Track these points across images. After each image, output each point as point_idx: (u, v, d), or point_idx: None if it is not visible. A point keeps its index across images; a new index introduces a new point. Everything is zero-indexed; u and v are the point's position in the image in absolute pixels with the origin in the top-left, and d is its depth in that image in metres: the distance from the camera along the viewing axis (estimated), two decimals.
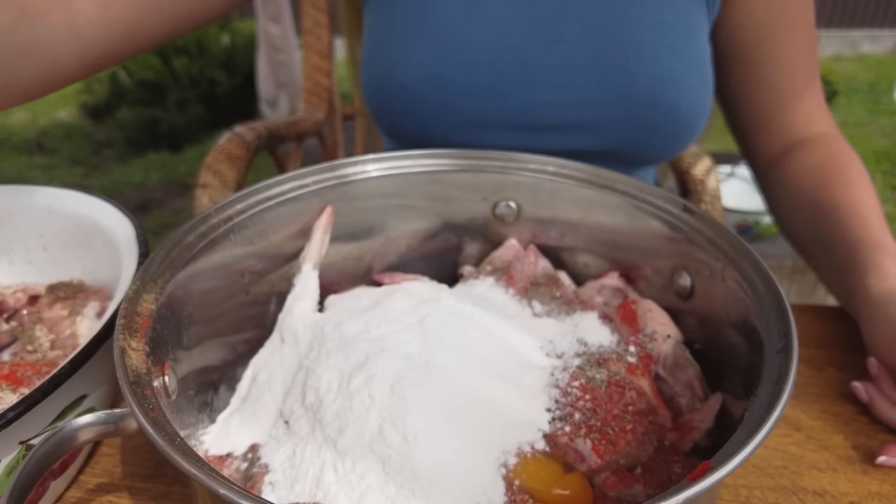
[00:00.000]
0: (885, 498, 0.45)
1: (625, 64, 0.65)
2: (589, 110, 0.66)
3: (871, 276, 0.52)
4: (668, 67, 0.65)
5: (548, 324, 0.47)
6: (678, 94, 0.66)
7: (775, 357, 0.35)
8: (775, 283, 0.38)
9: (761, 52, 0.70)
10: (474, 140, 0.69)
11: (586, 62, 0.65)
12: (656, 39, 0.65)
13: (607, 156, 0.69)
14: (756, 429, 0.30)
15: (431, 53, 0.66)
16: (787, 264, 1.57)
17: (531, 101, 0.66)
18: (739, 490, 0.45)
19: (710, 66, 0.69)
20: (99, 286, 0.54)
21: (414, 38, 0.67)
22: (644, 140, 0.68)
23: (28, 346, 0.49)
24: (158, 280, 0.39)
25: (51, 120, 3.81)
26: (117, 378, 0.32)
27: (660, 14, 0.65)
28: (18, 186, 0.57)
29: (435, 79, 0.66)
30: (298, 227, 0.50)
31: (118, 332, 0.35)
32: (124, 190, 3.06)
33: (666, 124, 0.67)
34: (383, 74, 0.69)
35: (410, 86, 0.67)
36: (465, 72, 0.66)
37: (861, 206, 0.59)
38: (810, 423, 0.51)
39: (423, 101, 0.68)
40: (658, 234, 0.47)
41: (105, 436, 0.33)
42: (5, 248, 0.57)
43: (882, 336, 0.49)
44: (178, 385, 0.38)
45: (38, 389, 0.36)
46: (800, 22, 0.69)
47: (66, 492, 0.45)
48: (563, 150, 0.66)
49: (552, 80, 0.66)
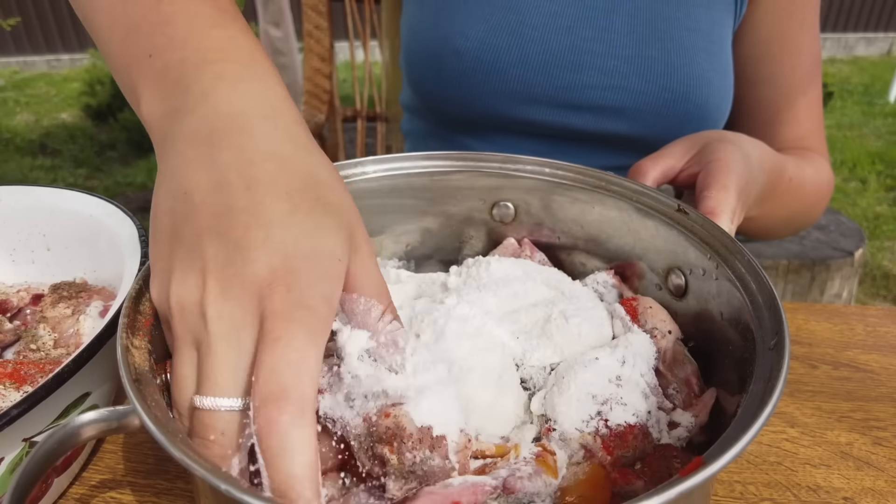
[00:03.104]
0: (878, 493, 0.45)
1: (665, 59, 0.70)
2: (629, 97, 0.71)
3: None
4: (704, 67, 0.70)
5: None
6: (709, 92, 0.71)
7: (768, 354, 0.35)
8: (767, 282, 0.39)
9: (761, 69, 0.73)
10: (516, 115, 0.74)
11: (630, 53, 0.70)
12: (694, 42, 0.70)
13: (636, 143, 0.74)
14: (748, 424, 0.31)
15: (489, 24, 0.71)
16: (783, 264, 1.58)
17: (577, 81, 0.71)
18: (734, 486, 0.46)
19: (732, 73, 0.74)
20: (102, 285, 0.54)
21: (475, 7, 0.72)
22: (673, 131, 0.72)
23: (31, 344, 0.49)
24: None
25: (54, 121, 3.83)
26: (120, 376, 0.33)
27: (698, 20, 0.71)
28: (22, 186, 0.58)
29: (490, 48, 0.71)
30: None
31: (121, 330, 0.35)
32: (126, 191, 3.07)
33: (695, 118, 0.72)
34: (438, 40, 0.73)
35: (465, 52, 0.71)
36: (519, 45, 0.71)
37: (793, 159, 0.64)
38: (804, 419, 0.51)
39: (475, 68, 0.72)
40: (653, 234, 0.48)
41: (108, 433, 0.33)
42: (9, 247, 0.58)
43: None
44: None
45: (41, 387, 0.36)
46: (801, 41, 0.72)
47: (70, 488, 0.45)
48: (599, 132, 0.73)
49: (598, 64, 0.71)
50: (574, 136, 0.74)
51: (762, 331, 0.37)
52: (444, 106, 0.75)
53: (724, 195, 0.48)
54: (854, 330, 0.62)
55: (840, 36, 5.14)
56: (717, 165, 0.50)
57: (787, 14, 0.71)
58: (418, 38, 0.75)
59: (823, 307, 0.63)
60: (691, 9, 0.70)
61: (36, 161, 3.33)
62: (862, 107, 4.17)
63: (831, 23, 5.12)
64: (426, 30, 0.75)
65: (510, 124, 0.75)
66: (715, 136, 0.55)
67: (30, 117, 3.88)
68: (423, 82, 0.76)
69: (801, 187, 0.64)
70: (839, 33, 5.15)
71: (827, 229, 1.76)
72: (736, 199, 0.49)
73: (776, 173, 0.58)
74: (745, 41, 0.74)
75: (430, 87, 0.75)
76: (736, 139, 0.55)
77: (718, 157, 0.51)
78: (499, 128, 0.76)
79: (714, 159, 0.51)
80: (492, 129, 0.77)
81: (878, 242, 2.70)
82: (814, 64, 0.73)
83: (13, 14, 4.54)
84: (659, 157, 0.54)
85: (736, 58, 0.75)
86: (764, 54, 0.73)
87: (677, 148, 0.55)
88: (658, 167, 0.54)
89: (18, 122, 3.81)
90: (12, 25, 4.47)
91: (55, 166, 3.29)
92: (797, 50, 0.72)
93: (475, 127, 0.77)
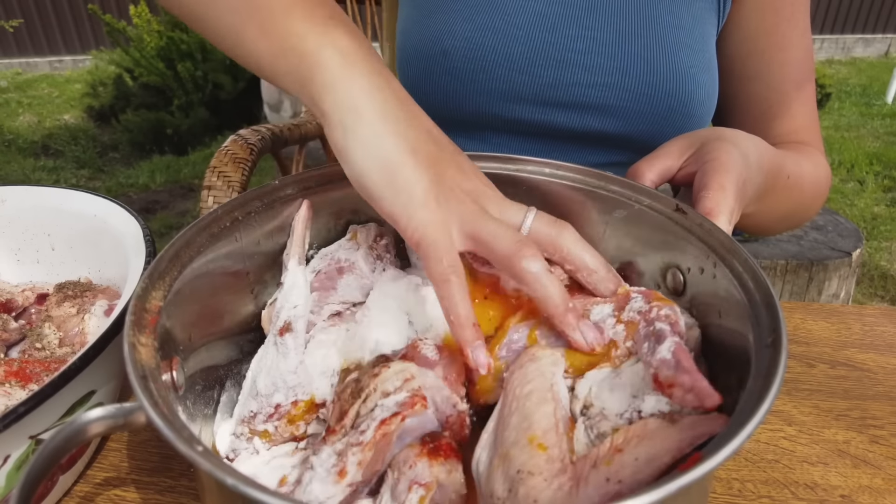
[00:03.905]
0: (875, 491, 0.46)
1: (648, 56, 0.70)
2: (613, 94, 0.72)
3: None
4: (686, 64, 0.71)
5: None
6: (693, 88, 0.71)
7: (765, 352, 0.35)
8: (765, 280, 0.39)
9: (750, 66, 0.73)
10: (503, 113, 0.75)
11: (614, 50, 0.71)
12: (676, 38, 0.71)
13: (621, 140, 0.75)
14: (746, 420, 0.31)
15: (475, 23, 0.72)
16: (780, 264, 1.58)
17: (561, 79, 0.72)
18: (732, 483, 0.46)
19: (717, 69, 0.74)
20: (106, 285, 0.55)
21: (461, 7, 0.73)
22: (657, 127, 0.73)
23: (37, 343, 0.50)
24: (167, 277, 0.40)
25: (57, 123, 3.84)
26: (126, 373, 0.33)
27: (680, 16, 0.71)
28: (26, 187, 0.58)
29: (476, 47, 0.72)
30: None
31: (128, 328, 0.35)
32: (129, 192, 3.08)
33: (679, 114, 0.72)
34: (428, 41, 0.74)
35: (453, 52, 0.72)
36: (504, 44, 0.71)
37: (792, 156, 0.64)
38: (802, 418, 0.52)
39: (462, 68, 0.73)
40: (651, 233, 0.48)
41: (114, 430, 0.33)
42: (14, 247, 0.58)
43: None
44: (185, 380, 0.39)
45: (47, 385, 0.37)
46: (790, 38, 0.72)
47: (74, 486, 0.46)
48: (585, 130, 0.74)
49: (581, 62, 0.72)
50: (560, 134, 0.75)
51: (760, 329, 0.37)
52: (436, 106, 0.76)
53: (722, 195, 0.48)
54: (851, 329, 0.63)
55: (838, 37, 5.14)
56: (715, 165, 0.50)
57: (774, 10, 0.71)
58: (410, 40, 0.77)
59: (821, 307, 0.64)
60: (674, 6, 0.71)
61: (38, 162, 3.34)
62: (860, 108, 4.17)
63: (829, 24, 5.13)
64: (417, 31, 0.76)
65: (499, 123, 0.76)
66: (712, 134, 0.55)
67: (32, 119, 3.89)
68: (416, 83, 0.77)
69: (799, 184, 0.65)
70: (837, 34, 5.15)
71: (825, 230, 1.76)
72: (734, 199, 0.49)
73: (774, 171, 0.58)
74: (733, 38, 0.74)
75: (422, 87, 0.76)
76: (733, 137, 0.55)
77: (716, 157, 0.51)
78: (489, 127, 0.77)
79: (711, 159, 0.51)
80: (483, 129, 0.78)
81: (875, 243, 2.71)
82: (804, 59, 0.73)
83: (15, 15, 4.56)
84: (655, 157, 0.54)
85: (724, 56, 0.75)
86: (752, 50, 0.73)
87: (674, 147, 0.55)
88: (655, 168, 0.54)
89: (21, 124, 3.82)
90: (14, 26, 4.49)
91: (58, 167, 3.30)
92: (786, 45, 0.72)
93: (467, 126, 0.78)
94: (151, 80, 3.44)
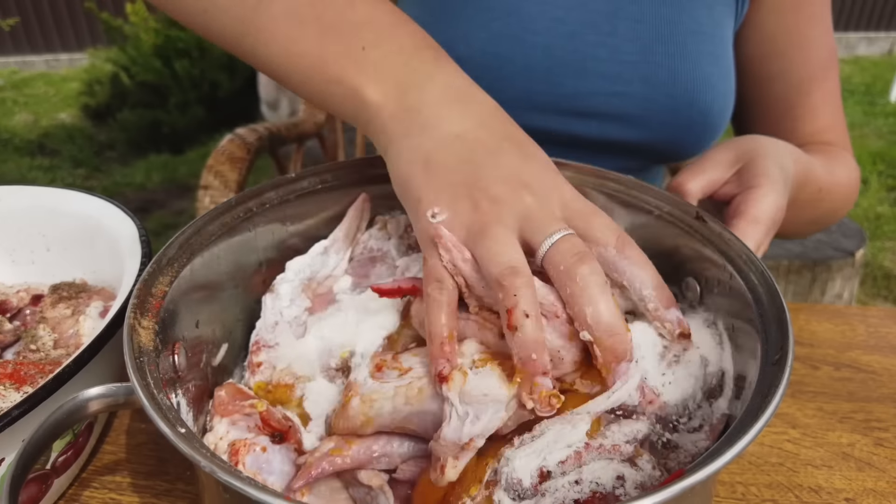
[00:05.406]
0: (879, 494, 0.45)
1: (669, 64, 0.68)
2: (633, 103, 0.70)
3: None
4: (708, 72, 0.69)
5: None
6: (713, 97, 0.69)
7: (770, 369, 0.35)
8: (779, 296, 0.38)
9: (770, 67, 0.71)
10: (520, 122, 0.72)
11: (635, 59, 0.69)
12: (698, 45, 0.69)
13: (641, 149, 0.73)
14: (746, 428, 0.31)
15: (491, 31, 0.69)
16: (783, 264, 1.58)
17: (581, 89, 0.70)
18: (736, 486, 0.46)
19: (734, 75, 0.72)
20: (101, 286, 0.54)
21: (475, 13, 0.70)
22: (678, 137, 0.71)
23: (31, 345, 0.49)
24: (175, 264, 0.40)
25: (52, 121, 3.82)
26: (123, 356, 0.33)
27: (701, 22, 0.69)
28: (21, 187, 0.57)
29: (492, 56, 0.69)
30: (318, 220, 0.51)
31: (130, 310, 0.36)
32: (126, 191, 3.07)
33: (699, 124, 0.70)
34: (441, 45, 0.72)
35: (467, 59, 0.69)
36: (522, 53, 0.69)
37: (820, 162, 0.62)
38: (806, 420, 0.51)
39: (477, 77, 0.70)
40: (670, 241, 0.47)
41: (115, 407, 0.34)
42: (8, 248, 0.58)
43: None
44: (186, 365, 0.39)
45: (41, 388, 0.36)
46: (811, 37, 0.70)
47: (69, 489, 0.45)
48: (603, 139, 0.71)
49: (602, 70, 0.69)
50: (578, 142, 0.73)
51: (768, 344, 0.37)
52: None
53: (753, 229, 0.48)
54: (856, 331, 0.62)
55: (841, 35, 5.14)
56: (756, 195, 0.49)
57: (794, 9, 0.70)
58: None
59: (825, 308, 0.63)
60: (694, 11, 0.69)
61: (34, 161, 3.33)
62: (863, 106, 4.16)
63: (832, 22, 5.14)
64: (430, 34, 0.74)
65: None
66: (761, 149, 0.53)
67: (28, 117, 3.88)
68: None
69: (831, 194, 0.63)
70: (840, 33, 5.14)
71: (828, 229, 1.76)
72: (764, 234, 0.48)
73: (800, 182, 0.57)
74: (751, 40, 0.72)
75: None
76: (779, 156, 0.53)
77: (759, 185, 0.50)
78: None
79: (755, 186, 0.50)
80: None
81: (879, 243, 2.70)
82: (827, 57, 0.72)
83: (12, 14, 4.54)
84: (700, 170, 0.52)
85: (742, 57, 0.73)
86: (771, 51, 0.72)
87: (721, 158, 0.53)
88: (700, 182, 0.52)
89: (17, 122, 3.80)
90: (11, 25, 4.47)
91: (54, 166, 3.28)
92: (806, 44, 0.71)
93: None
94: (148, 79, 3.42)
